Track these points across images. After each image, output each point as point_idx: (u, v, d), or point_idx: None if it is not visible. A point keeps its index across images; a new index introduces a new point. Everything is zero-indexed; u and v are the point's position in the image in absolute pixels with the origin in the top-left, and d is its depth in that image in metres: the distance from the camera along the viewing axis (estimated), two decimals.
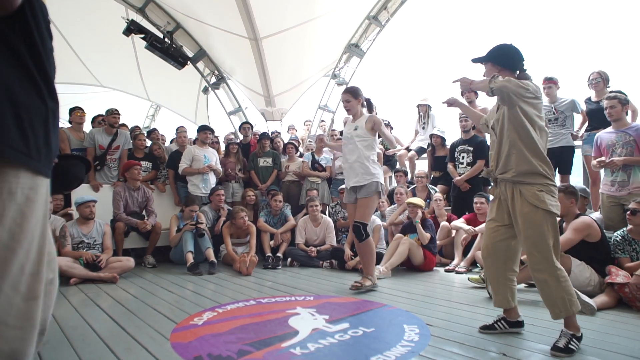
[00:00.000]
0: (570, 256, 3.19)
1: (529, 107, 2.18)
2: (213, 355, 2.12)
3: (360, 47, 8.99)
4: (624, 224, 3.40)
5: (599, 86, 4.58)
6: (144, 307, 3.13)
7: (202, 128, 5.87)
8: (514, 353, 2.09)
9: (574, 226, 3.24)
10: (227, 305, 3.14)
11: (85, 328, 2.60)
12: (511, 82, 2.15)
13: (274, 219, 5.47)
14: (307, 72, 9.17)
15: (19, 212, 0.94)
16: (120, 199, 5.01)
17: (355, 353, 2.14)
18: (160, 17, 8.52)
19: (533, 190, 2.16)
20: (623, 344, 2.23)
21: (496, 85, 2.17)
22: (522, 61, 2.34)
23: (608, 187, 3.92)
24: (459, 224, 4.80)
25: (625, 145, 3.80)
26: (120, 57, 10.06)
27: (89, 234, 4.41)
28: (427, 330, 2.48)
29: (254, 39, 7.68)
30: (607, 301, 2.95)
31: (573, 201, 3.36)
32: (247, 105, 10.17)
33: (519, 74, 2.33)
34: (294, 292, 3.60)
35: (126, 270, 4.39)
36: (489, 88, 2.20)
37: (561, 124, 4.87)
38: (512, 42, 2.37)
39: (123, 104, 10.86)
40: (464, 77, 2.39)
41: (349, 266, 4.61)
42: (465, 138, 5.33)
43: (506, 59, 2.34)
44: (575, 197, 3.38)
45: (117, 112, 5.51)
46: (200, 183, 5.51)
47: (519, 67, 2.34)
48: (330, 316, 2.78)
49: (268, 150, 6.18)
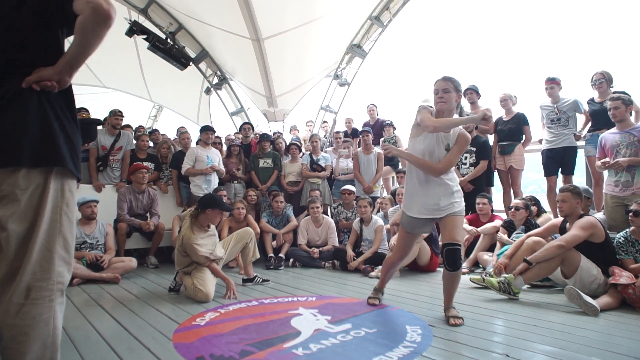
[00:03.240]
0: (580, 253, 3.18)
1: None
2: (215, 356, 2.12)
3: (363, 47, 8.99)
4: (628, 225, 3.39)
5: (603, 87, 4.56)
6: (146, 308, 3.13)
7: (204, 129, 5.88)
8: (517, 354, 2.08)
9: (579, 224, 3.23)
10: (230, 306, 3.14)
11: (87, 328, 2.61)
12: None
13: (276, 219, 5.47)
14: (309, 73, 9.18)
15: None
16: (124, 201, 5.02)
17: (357, 354, 2.13)
18: (163, 18, 8.55)
19: None
20: (626, 345, 2.22)
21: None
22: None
23: (612, 187, 3.91)
24: None
25: (630, 145, 3.79)
26: (123, 58, 10.08)
27: (91, 234, 4.42)
28: (429, 330, 2.48)
29: (256, 40, 7.69)
30: (610, 302, 2.94)
31: (579, 202, 3.35)
32: (249, 106, 10.18)
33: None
34: (296, 292, 3.60)
35: (128, 270, 4.40)
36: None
37: (564, 125, 4.86)
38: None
39: (125, 104, 10.87)
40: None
41: (351, 267, 4.61)
42: None
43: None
44: (581, 198, 3.38)
45: (119, 113, 5.53)
46: (203, 184, 5.52)
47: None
48: (332, 317, 2.77)
49: (268, 151, 6.18)
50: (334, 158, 6.35)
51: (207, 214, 3.56)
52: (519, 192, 5.28)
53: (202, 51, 9.27)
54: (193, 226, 3.55)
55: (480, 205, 4.74)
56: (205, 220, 3.59)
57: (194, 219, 3.59)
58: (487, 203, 4.76)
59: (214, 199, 3.66)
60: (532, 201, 4.58)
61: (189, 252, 3.48)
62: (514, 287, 3.23)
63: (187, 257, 3.54)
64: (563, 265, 3.20)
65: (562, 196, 3.39)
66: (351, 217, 5.45)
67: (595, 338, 2.32)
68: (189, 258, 3.53)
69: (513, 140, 5.30)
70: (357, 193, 5.64)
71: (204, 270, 3.48)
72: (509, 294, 3.24)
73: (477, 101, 5.75)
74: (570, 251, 3.17)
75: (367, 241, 4.85)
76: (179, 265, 3.60)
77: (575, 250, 3.18)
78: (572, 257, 3.17)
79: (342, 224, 5.52)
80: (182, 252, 3.55)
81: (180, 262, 3.59)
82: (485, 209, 4.73)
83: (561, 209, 3.40)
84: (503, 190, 5.50)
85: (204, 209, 3.56)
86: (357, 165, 6.00)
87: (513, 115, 5.34)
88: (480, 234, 4.58)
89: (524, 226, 4.19)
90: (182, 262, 3.57)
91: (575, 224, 3.27)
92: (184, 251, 3.53)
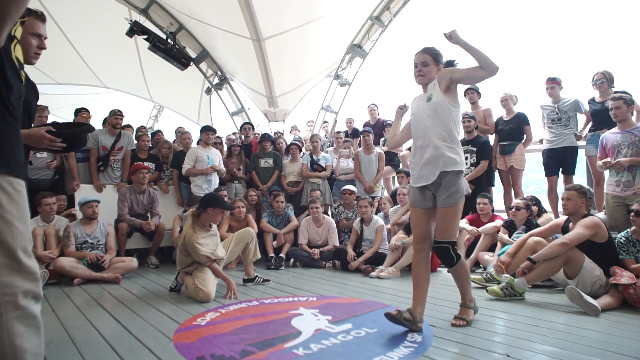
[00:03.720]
0: (583, 254, 3.17)
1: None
2: (216, 356, 2.12)
3: (363, 47, 8.99)
4: (628, 225, 3.39)
5: (604, 87, 4.56)
6: (147, 308, 3.13)
7: (205, 129, 5.88)
8: (518, 354, 2.08)
9: (583, 223, 3.23)
10: (230, 306, 3.14)
11: (88, 328, 2.61)
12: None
13: (277, 219, 5.47)
14: (309, 73, 9.18)
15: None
16: (125, 201, 5.03)
17: (358, 354, 2.13)
18: (163, 18, 8.55)
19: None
20: (627, 345, 2.21)
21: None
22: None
23: (613, 187, 3.90)
24: (461, 225, 4.78)
25: (631, 145, 3.78)
26: (124, 58, 10.09)
27: (92, 234, 4.43)
28: (430, 330, 2.47)
29: (256, 40, 7.69)
30: (611, 302, 2.93)
31: (584, 201, 3.35)
32: (250, 106, 10.19)
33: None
34: (296, 292, 3.60)
35: (129, 270, 4.41)
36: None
37: (564, 124, 4.86)
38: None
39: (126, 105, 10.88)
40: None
41: (351, 267, 4.61)
42: (469, 139, 5.32)
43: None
44: (586, 198, 3.38)
45: (119, 113, 5.53)
46: (203, 184, 5.52)
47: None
48: (333, 317, 2.77)
49: (269, 151, 6.18)
50: (334, 158, 6.36)
51: (209, 213, 3.56)
52: (520, 192, 5.28)
53: (202, 51, 9.28)
54: (195, 225, 3.56)
55: (481, 205, 4.74)
56: (206, 219, 3.59)
57: (196, 218, 3.59)
58: (487, 203, 4.76)
59: (215, 198, 3.67)
60: (533, 201, 4.57)
61: (190, 252, 3.48)
62: (517, 289, 3.23)
63: (189, 257, 3.54)
64: (567, 266, 3.19)
65: (568, 194, 3.38)
66: (352, 217, 5.45)
67: (596, 338, 2.32)
68: (190, 257, 3.53)
69: (514, 140, 5.30)
70: (358, 193, 5.64)
71: (205, 270, 3.48)
72: (515, 297, 3.24)
73: (477, 101, 5.76)
74: (575, 251, 3.16)
75: (368, 241, 4.85)
76: (180, 264, 3.61)
77: (579, 251, 3.17)
78: (576, 257, 3.16)
79: (343, 224, 5.52)
80: (183, 252, 3.55)
81: (181, 261, 3.59)
82: (486, 209, 4.73)
83: (565, 207, 3.39)
84: (504, 190, 5.50)
85: (205, 208, 3.57)
86: (358, 165, 6.00)
87: (514, 115, 5.34)
88: (481, 234, 4.58)
89: (524, 226, 4.18)
90: (184, 261, 3.58)
91: (579, 223, 3.26)
92: (186, 250, 3.53)
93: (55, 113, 8.95)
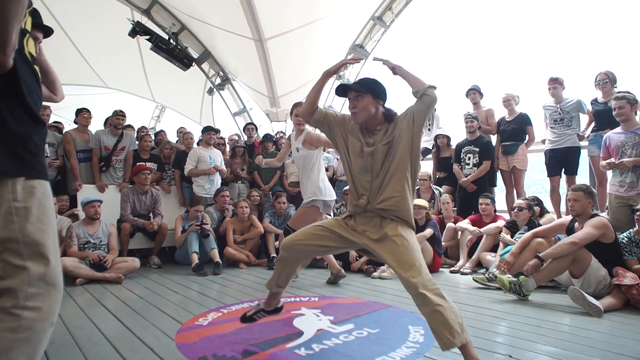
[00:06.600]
0: (590, 253, 3.16)
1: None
2: (218, 356, 2.12)
3: (365, 47, 8.99)
4: (632, 225, 3.38)
5: (607, 87, 4.54)
6: (149, 308, 3.14)
7: (207, 129, 5.89)
8: (520, 355, 2.08)
9: (592, 223, 3.21)
10: (232, 306, 3.14)
11: (90, 328, 2.61)
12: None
13: (279, 219, 5.47)
14: (311, 73, 9.17)
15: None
16: (127, 201, 5.04)
17: (359, 354, 2.13)
18: (165, 19, 8.57)
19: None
20: (630, 346, 2.20)
21: (432, 93, 1.97)
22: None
23: (616, 187, 3.89)
24: (464, 225, 4.78)
25: (635, 146, 3.76)
26: (126, 59, 10.12)
27: (94, 234, 4.44)
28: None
29: (258, 40, 7.70)
30: (614, 303, 2.92)
31: (590, 202, 3.34)
32: (252, 106, 10.20)
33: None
34: (298, 292, 3.60)
35: (131, 270, 4.41)
36: (424, 88, 1.98)
37: (567, 125, 4.84)
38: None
39: (128, 105, 10.92)
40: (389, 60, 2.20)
41: (354, 267, 4.61)
42: (471, 139, 5.32)
43: (384, 95, 2.13)
44: (593, 198, 3.37)
45: (121, 113, 5.54)
46: (205, 184, 5.52)
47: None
48: (335, 317, 2.77)
49: (271, 151, 6.18)
50: (335, 158, 6.35)
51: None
52: (522, 192, 5.26)
53: (204, 52, 9.29)
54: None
55: (483, 206, 4.73)
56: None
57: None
58: (490, 203, 4.75)
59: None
60: (535, 201, 4.56)
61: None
62: (524, 289, 3.22)
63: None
64: (573, 265, 3.17)
65: (575, 195, 3.36)
66: None
67: (599, 339, 2.31)
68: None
69: (516, 140, 5.29)
70: None
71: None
72: (519, 295, 3.23)
73: (479, 101, 5.75)
74: (582, 251, 3.14)
75: None
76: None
77: (587, 250, 3.15)
78: (583, 257, 3.14)
79: None
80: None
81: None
82: (488, 210, 4.72)
83: (572, 207, 3.38)
84: (506, 190, 5.49)
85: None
86: None
87: (516, 116, 5.33)
88: (483, 235, 4.57)
89: (527, 226, 4.17)
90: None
91: (588, 222, 3.25)
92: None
93: (57, 113, 8.95)
